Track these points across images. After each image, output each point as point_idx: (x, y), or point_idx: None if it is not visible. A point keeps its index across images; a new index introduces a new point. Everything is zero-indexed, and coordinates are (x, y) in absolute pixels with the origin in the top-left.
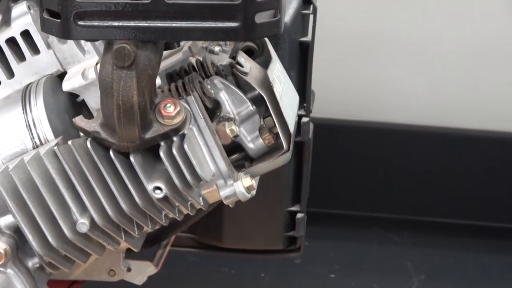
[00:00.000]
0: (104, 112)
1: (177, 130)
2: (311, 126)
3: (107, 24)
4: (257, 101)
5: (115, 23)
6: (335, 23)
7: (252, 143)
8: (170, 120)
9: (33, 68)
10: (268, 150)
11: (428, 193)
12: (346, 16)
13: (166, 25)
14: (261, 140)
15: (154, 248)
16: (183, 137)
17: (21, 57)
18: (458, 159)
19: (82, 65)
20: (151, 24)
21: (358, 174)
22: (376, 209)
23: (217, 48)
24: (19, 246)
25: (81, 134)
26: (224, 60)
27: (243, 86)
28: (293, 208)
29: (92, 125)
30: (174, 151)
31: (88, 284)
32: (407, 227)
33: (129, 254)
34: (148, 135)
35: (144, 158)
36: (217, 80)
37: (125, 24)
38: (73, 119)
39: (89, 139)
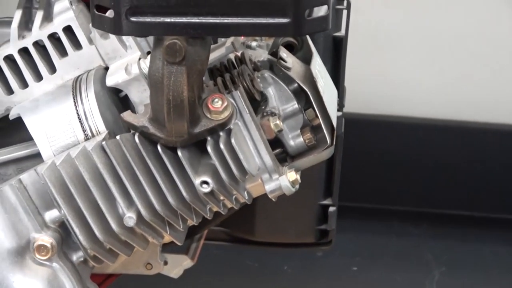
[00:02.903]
0: (153, 107)
1: (223, 125)
2: (343, 121)
3: (159, 20)
4: (297, 94)
5: (167, 19)
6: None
7: (293, 140)
8: (217, 115)
9: (75, 64)
10: (307, 149)
11: (446, 186)
12: (361, 9)
13: (217, 21)
14: (301, 139)
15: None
16: (229, 131)
17: (63, 53)
18: (476, 152)
19: (125, 60)
20: (203, 20)
21: (375, 168)
22: (395, 202)
23: (254, 43)
24: (64, 240)
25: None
26: (261, 55)
27: (284, 81)
28: (325, 202)
29: (140, 120)
30: (222, 146)
31: (122, 278)
32: (426, 220)
33: (165, 247)
34: (196, 130)
35: (191, 153)
36: (267, 74)
37: (177, 20)
38: (121, 114)
39: (137, 134)
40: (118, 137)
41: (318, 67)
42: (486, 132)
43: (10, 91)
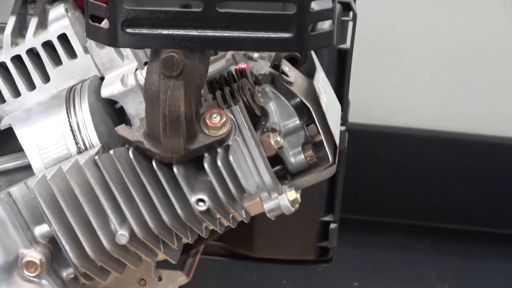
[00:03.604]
0: (148, 122)
1: (222, 141)
2: (346, 135)
3: (156, 32)
4: (299, 110)
5: (165, 32)
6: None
7: (294, 157)
8: (215, 131)
9: (70, 73)
10: (308, 167)
11: (450, 200)
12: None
13: (218, 34)
14: (303, 156)
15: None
16: (227, 148)
17: (57, 61)
18: (481, 166)
19: (121, 71)
20: (202, 34)
21: (378, 179)
22: (397, 216)
23: (256, 55)
24: (54, 256)
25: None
26: (263, 68)
27: (285, 96)
28: (326, 218)
29: (135, 135)
30: (219, 163)
31: None
32: (429, 234)
33: (160, 263)
34: (193, 146)
35: (187, 170)
36: (268, 89)
37: (174, 32)
38: (116, 128)
39: (131, 149)
40: (111, 151)
41: (322, 82)
42: (493, 145)
43: (1, 99)
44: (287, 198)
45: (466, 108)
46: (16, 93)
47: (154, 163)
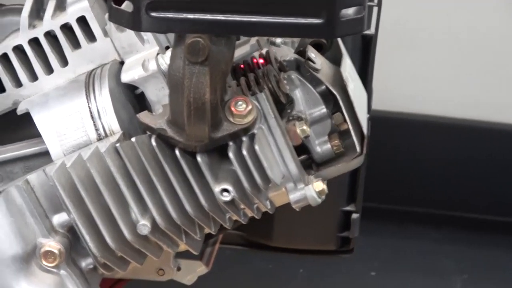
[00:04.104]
0: (172, 109)
1: (247, 130)
2: (369, 123)
3: (181, 16)
4: (324, 97)
5: (190, 16)
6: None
7: (320, 147)
8: (240, 119)
9: (89, 57)
10: (334, 156)
11: (468, 189)
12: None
13: (245, 19)
14: (329, 145)
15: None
16: (252, 136)
17: (75, 45)
18: (504, 155)
19: (141, 55)
20: (229, 18)
21: (394, 167)
22: (414, 204)
23: (278, 40)
24: (73, 245)
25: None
26: (287, 54)
27: (311, 83)
28: (348, 208)
29: (158, 122)
30: (244, 152)
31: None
32: (446, 223)
33: (178, 252)
34: (218, 134)
35: (211, 158)
36: (294, 76)
37: (201, 17)
38: (137, 115)
39: (154, 137)
40: (133, 139)
41: (349, 69)
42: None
43: (18, 83)
44: (313, 189)
45: (486, 95)
46: (33, 77)
47: (177, 152)
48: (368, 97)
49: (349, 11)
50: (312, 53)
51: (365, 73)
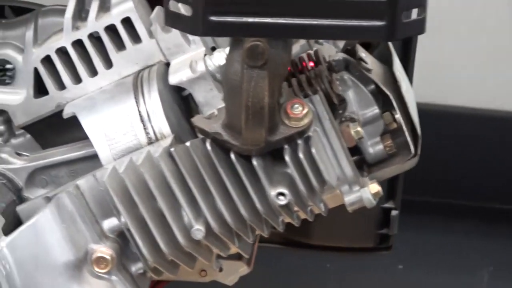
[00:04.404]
0: (229, 113)
1: (302, 133)
2: None
3: (242, 20)
4: (374, 97)
5: (251, 20)
6: None
7: (372, 147)
8: (297, 122)
9: (134, 58)
10: (387, 157)
11: (493, 180)
12: None
13: (306, 22)
14: (381, 146)
15: None
16: (307, 139)
17: (120, 46)
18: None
19: (188, 57)
20: (289, 22)
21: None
22: (439, 195)
23: None
24: (122, 250)
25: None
26: (335, 54)
27: (362, 83)
28: (387, 205)
29: (213, 126)
30: (301, 155)
31: None
32: (471, 215)
33: None
34: (274, 138)
35: (266, 162)
36: (347, 77)
37: (261, 20)
38: (192, 119)
39: (208, 141)
40: (187, 143)
41: (399, 68)
42: None
43: (61, 86)
44: (369, 191)
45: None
46: (77, 79)
47: (232, 156)
48: None
49: (411, 13)
50: (363, 52)
51: (405, 70)
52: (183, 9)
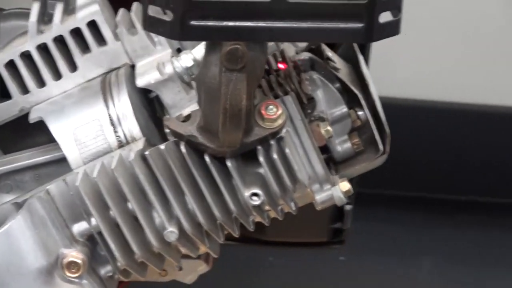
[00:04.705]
0: (206, 116)
1: (276, 133)
2: None
3: (222, 24)
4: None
5: (231, 23)
6: None
7: (340, 146)
8: (271, 123)
9: (99, 61)
10: (354, 155)
11: (432, 170)
12: None
13: (286, 25)
14: (349, 144)
15: None
16: (279, 140)
17: (85, 49)
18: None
19: (153, 58)
20: (270, 25)
21: None
22: (381, 186)
23: None
24: (92, 254)
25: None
26: (301, 53)
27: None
28: None
29: (188, 129)
30: (275, 156)
31: None
32: (410, 205)
33: None
34: (249, 139)
35: (239, 163)
36: (316, 76)
37: (242, 24)
38: (166, 122)
39: (183, 143)
40: (162, 146)
41: (365, 67)
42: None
43: (25, 90)
44: (340, 189)
45: (471, 78)
46: (41, 83)
47: (207, 158)
48: None
49: (386, 14)
50: (329, 52)
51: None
52: (163, 14)
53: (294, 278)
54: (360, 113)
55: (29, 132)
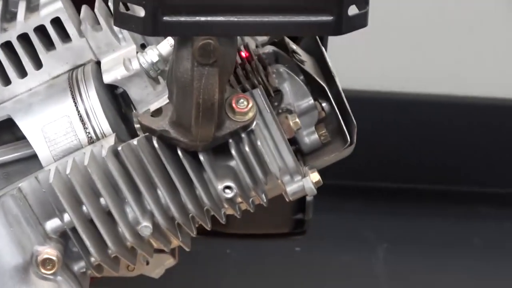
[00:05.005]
0: (178, 111)
1: (246, 126)
2: None
3: (194, 19)
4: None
5: (203, 18)
6: None
7: (308, 137)
8: (242, 116)
9: (64, 58)
10: (321, 146)
11: (382, 160)
12: None
13: (257, 19)
14: (316, 136)
15: None
16: (250, 132)
17: (49, 46)
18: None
19: (118, 54)
20: (241, 19)
21: None
22: (330, 176)
23: None
24: (65, 250)
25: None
26: (265, 47)
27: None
28: None
29: (160, 124)
30: (247, 149)
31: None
32: (359, 194)
33: None
34: (220, 133)
35: (210, 157)
36: (282, 69)
37: (214, 19)
38: (138, 117)
39: (155, 138)
40: (135, 141)
41: (329, 60)
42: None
43: None
44: (310, 180)
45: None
46: (6, 81)
47: (180, 152)
48: None
49: (354, 7)
50: (293, 45)
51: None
52: (135, 10)
53: (251, 270)
54: (323, 104)
55: None
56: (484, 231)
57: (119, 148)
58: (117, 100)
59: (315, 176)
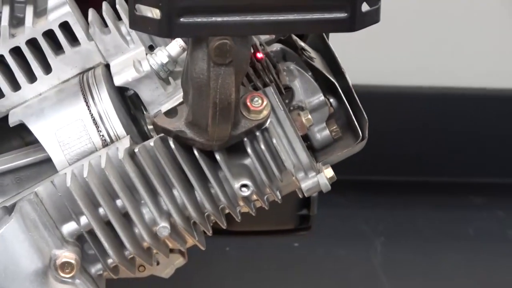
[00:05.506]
0: (194, 111)
1: (261, 125)
2: None
3: (210, 20)
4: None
5: (219, 19)
6: None
7: (319, 133)
8: (256, 115)
9: (72, 62)
10: (333, 141)
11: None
12: None
13: (273, 18)
14: (327, 132)
15: None
16: (264, 130)
17: (58, 50)
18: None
19: (127, 57)
20: (257, 19)
21: None
22: None
23: None
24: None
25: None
26: (273, 45)
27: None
28: None
29: (176, 124)
30: (263, 147)
31: None
32: (352, 188)
33: None
34: (236, 132)
35: (226, 156)
36: (293, 67)
37: (230, 19)
38: (154, 119)
39: (171, 139)
40: (151, 142)
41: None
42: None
43: (0, 94)
44: (324, 176)
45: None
46: (16, 86)
47: (196, 152)
48: None
49: (366, 3)
50: (301, 42)
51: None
52: (151, 12)
53: (251, 267)
54: (331, 100)
55: (7, 135)
56: (478, 221)
57: (136, 150)
58: (126, 102)
59: (329, 172)
